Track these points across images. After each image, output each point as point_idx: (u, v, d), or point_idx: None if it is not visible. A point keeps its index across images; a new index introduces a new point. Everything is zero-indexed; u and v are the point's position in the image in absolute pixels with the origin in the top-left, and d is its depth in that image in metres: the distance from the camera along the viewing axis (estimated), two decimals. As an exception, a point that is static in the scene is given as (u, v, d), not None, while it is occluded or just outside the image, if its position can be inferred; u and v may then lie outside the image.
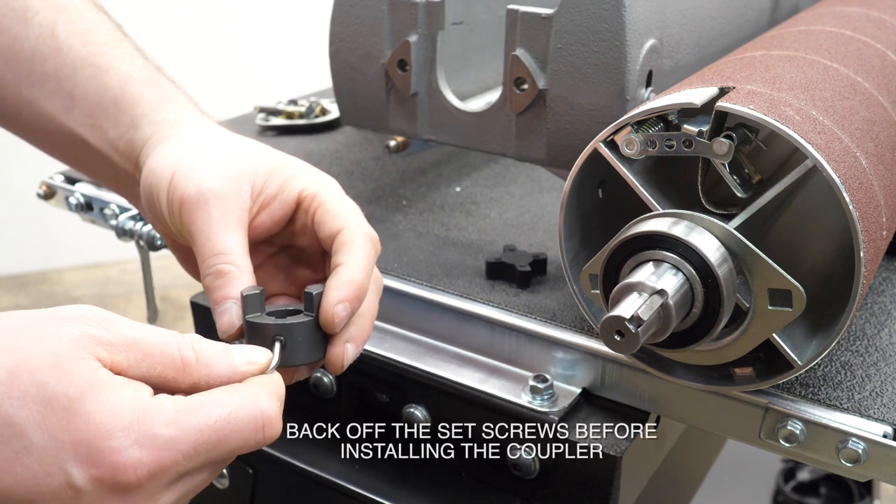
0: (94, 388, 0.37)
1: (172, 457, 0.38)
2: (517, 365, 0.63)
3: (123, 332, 0.40)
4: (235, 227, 0.50)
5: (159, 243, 0.79)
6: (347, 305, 0.47)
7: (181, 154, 0.52)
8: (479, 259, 0.71)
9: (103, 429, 0.36)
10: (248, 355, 0.44)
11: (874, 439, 0.50)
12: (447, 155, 0.92)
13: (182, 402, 0.39)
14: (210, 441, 0.39)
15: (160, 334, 0.41)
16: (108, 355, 0.39)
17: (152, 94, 0.57)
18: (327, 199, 0.51)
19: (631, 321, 0.44)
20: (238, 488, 0.70)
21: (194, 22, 2.56)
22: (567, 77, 0.62)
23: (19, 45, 0.57)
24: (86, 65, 0.57)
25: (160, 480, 0.38)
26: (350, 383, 0.67)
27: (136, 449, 0.37)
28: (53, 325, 0.38)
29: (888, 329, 0.61)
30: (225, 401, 0.40)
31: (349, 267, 0.48)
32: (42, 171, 0.89)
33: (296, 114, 0.99)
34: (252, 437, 0.41)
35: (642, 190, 0.51)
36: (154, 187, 0.52)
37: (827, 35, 0.66)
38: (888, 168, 0.54)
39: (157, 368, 0.40)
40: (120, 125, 0.56)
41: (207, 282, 0.49)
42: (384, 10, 0.68)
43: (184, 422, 0.38)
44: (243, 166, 0.52)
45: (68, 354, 0.37)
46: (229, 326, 0.48)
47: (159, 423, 0.37)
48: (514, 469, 0.60)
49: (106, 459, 0.36)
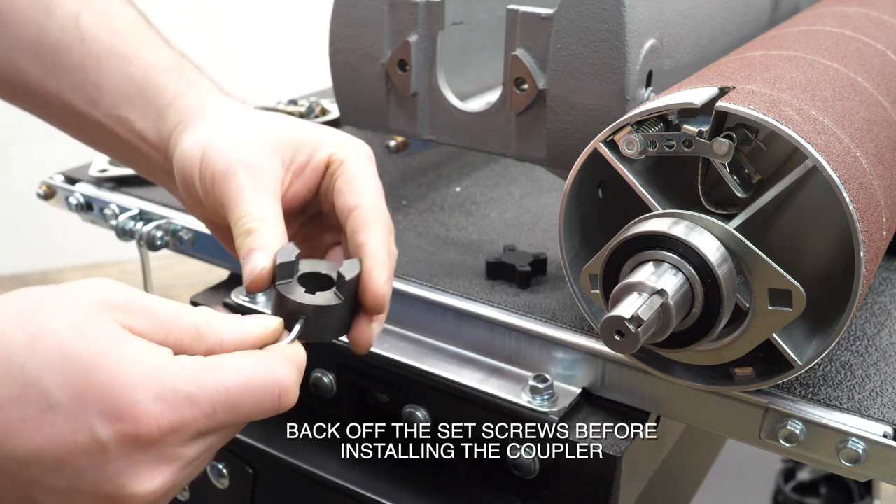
0: (114, 346, 0.38)
1: (192, 413, 0.38)
2: (517, 365, 0.63)
3: (139, 300, 0.40)
4: (267, 195, 0.50)
5: (159, 243, 0.79)
6: (390, 285, 0.48)
7: (209, 133, 0.53)
8: (479, 259, 0.71)
9: (126, 384, 0.37)
10: (260, 321, 0.44)
11: (874, 439, 0.50)
12: (447, 155, 0.92)
13: (202, 361, 0.40)
14: (228, 402, 0.40)
15: (173, 305, 0.42)
16: (127, 320, 0.39)
17: (177, 83, 0.57)
18: (351, 169, 0.51)
19: (631, 321, 0.44)
20: (238, 488, 0.70)
21: (194, 22, 2.56)
22: (567, 77, 0.62)
23: (44, 35, 0.57)
24: (110, 55, 0.57)
25: (181, 435, 0.38)
26: (350, 383, 0.67)
27: (157, 403, 0.37)
28: (73, 293, 0.39)
29: (888, 329, 0.61)
30: (244, 364, 0.41)
31: (377, 247, 0.49)
32: (42, 171, 0.89)
33: (296, 114, 0.99)
34: (268, 404, 0.41)
35: (642, 190, 0.51)
36: (187, 170, 0.52)
37: (827, 35, 0.66)
38: (888, 168, 0.54)
39: (173, 334, 0.41)
40: (146, 116, 0.56)
41: (238, 242, 0.48)
42: (384, 10, 0.68)
43: (204, 380, 0.39)
44: (272, 139, 0.52)
45: (88, 317, 0.38)
46: (251, 273, 0.47)
47: (180, 379, 0.38)
48: (514, 469, 0.60)
49: (129, 413, 0.37)
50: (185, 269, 1.65)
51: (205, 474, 0.72)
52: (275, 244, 0.48)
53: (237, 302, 0.71)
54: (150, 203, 0.81)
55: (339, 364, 0.67)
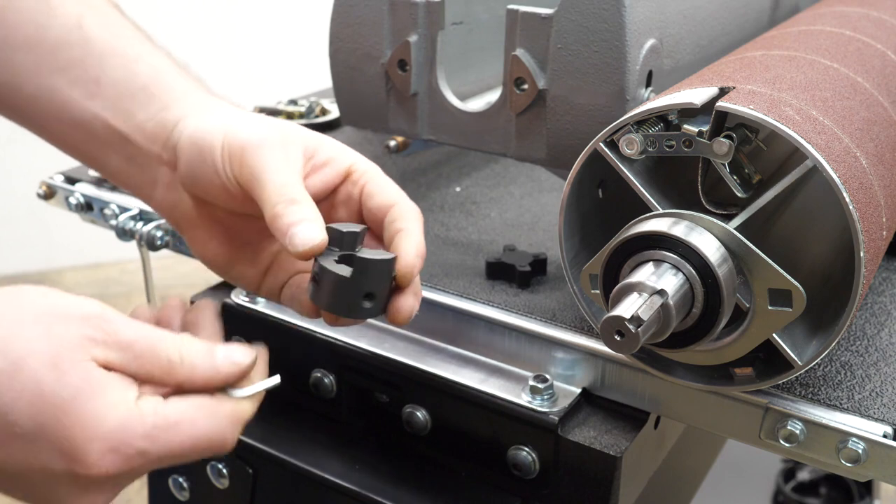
0: (85, 391, 0.42)
1: (140, 463, 0.43)
2: (517, 365, 0.63)
3: (119, 334, 0.44)
4: (299, 176, 0.52)
5: (159, 243, 0.79)
6: (421, 260, 0.50)
7: (229, 117, 0.55)
8: (479, 259, 0.71)
9: (87, 433, 0.41)
10: (233, 359, 0.46)
11: (874, 439, 0.50)
12: (447, 155, 0.92)
13: (161, 415, 0.43)
14: (175, 454, 0.44)
15: (152, 336, 0.45)
16: (104, 355, 0.43)
17: (185, 84, 0.58)
18: (377, 176, 0.54)
19: (631, 321, 0.44)
20: (238, 488, 0.70)
21: (194, 22, 2.56)
22: (567, 77, 0.62)
23: (43, 34, 0.57)
24: (115, 54, 0.58)
25: (123, 478, 0.43)
26: (350, 383, 0.67)
27: (110, 454, 0.42)
28: (58, 324, 0.43)
29: (888, 329, 0.61)
30: (199, 424, 0.44)
31: (415, 231, 0.51)
32: (42, 171, 0.89)
33: (296, 114, 0.99)
34: (206, 454, 0.45)
35: (642, 190, 0.51)
36: (206, 144, 0.53)
37: (827, 35, 0.66)
38: (888, 168, 0.54)
39: (145, 368, 0.44)
40: (149, 108, 0.57)
41: (279, 209, 0.49)
42: (384, 10, 0.68)
43: (158, 438, 0.43)
44: (293, 133, 0.54)
45: (66, 356, 0.42)
46: (309, 241, 0.48)
47: (136, 436, 0.42)
48: (514, 469, 0.60)
49: (83, 459, 0.41)
50: (185, 269, 1.65)
51: (205, 474, 0.72)
52: (319, 218, 0.49)
53: (237, 302, 0.71)
54: (150, 203, 0.81)
55: (340, 364, 0.67)
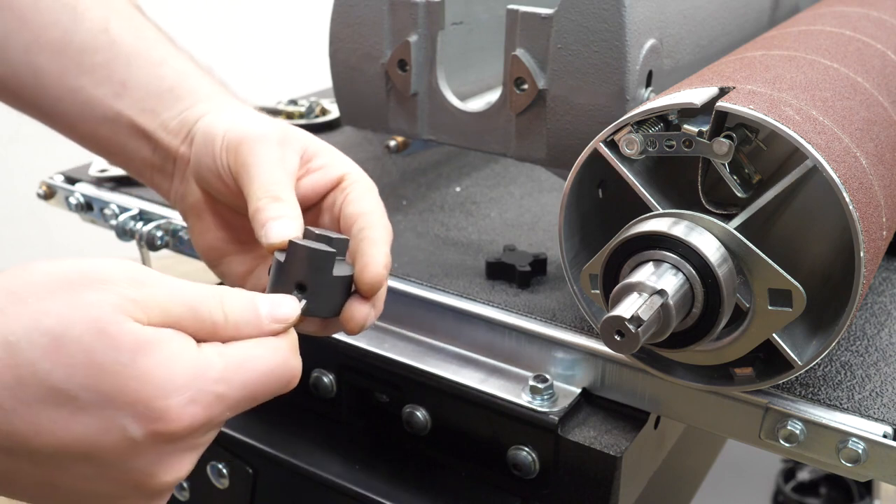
0: (144, 349, 0.39)
1: (220, 410, 0.41)
2: (517, 365, 0.63)
3: (156, 295, 0.40)
4: (291, 176, 0.52)
5: (159, 243, 0.79)
6: (387, 270, 0.50)
7: (240, 113, 0.57)
8: (479, 259, 0.71)
9: (161, 389, 0.38)
10: (274, 312, 0.45)
11: (874, 439, 0.50)
12: (447, 155, 0.92)
13: (228, 356, 0.41)
14: (250, 395, 0.42)
15: (190, 294, 0.42)
16: (146, 316, 0.40)
17: (210, 87, 0.60)
18: (364, 188, 0.55)
19: (631, 321, 0.44)
20: (238, 488, 0.70)
21: (194, 22, 2.56)
22: (567, 77, 0.62)
23: (69, 38, 0.58)
24: (140, 57, 0.59)
25: (207, 428, 0.41)
26: (350, 383, 0.67)
27: (191, 406, 0.39)
28: (90, 290, 0.39)
29: (888, 329, 0.61)
30: (267, 358, 0.43)
31: (380, 241, 0.51)
32: (42, 171, 0.89)
33: (296, 114, 0.99)
34: (280, 389, 0.44)
35: (642, 190, 0.51)
36: (210, 135, 0.55)
37: (827, 35, 0.66)
38: (888, 168, 0.54)
39: (189, 329, 0.41)
40: (174, 108, 0.58)
41: (262, 203, 0.50)
42: (384, 10, 0.68)
43: (232, 379, 0.41)
44: (294, 136, 0.55)
45: (110, 319, 0.38)
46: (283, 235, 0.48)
47: (211, 381, 0.40)
48: (514, 469, 0.60)
49: (164, 416, 0.39)
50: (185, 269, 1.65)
51: (205, 474, 0.72)
52: (299, 218, 0.50)
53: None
54: (150, 203, 0.81)
55: (339, 364, 0.67)
